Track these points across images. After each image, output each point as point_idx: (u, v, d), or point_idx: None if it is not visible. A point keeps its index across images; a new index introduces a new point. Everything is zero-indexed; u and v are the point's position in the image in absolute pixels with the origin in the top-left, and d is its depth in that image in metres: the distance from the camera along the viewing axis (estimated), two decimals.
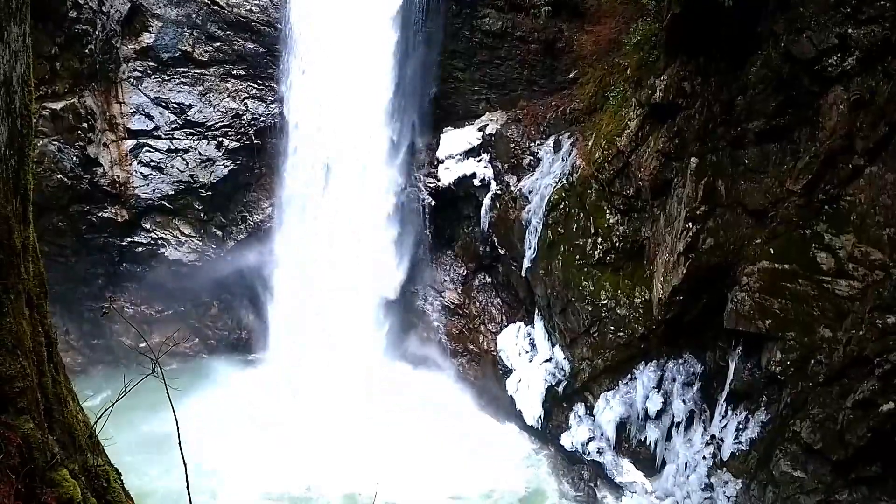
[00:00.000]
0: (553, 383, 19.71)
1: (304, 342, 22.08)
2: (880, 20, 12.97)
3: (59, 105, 19.58)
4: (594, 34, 19.78)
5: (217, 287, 23.10)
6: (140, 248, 22.33)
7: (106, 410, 5.29)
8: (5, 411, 4.09)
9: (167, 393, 5.23)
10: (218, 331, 23.72)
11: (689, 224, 15.68)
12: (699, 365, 17.29)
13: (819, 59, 13.60)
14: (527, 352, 20.79)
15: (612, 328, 18.01)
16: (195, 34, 21.53)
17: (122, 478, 5.41)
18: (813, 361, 14.42)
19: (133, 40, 21.11)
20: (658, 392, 17.69)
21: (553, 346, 20.28)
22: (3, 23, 3.94)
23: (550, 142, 20.85)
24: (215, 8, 21.42)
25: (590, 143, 19.12)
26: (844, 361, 13.85)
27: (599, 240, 18.32)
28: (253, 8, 21.61)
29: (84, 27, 19.35)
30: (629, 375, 18.19)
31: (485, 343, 22.02)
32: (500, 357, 21.26)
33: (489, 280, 22.91)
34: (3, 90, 4.05)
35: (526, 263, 20.31)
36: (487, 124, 22.52)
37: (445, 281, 23.24)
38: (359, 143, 21.65)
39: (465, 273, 23.14)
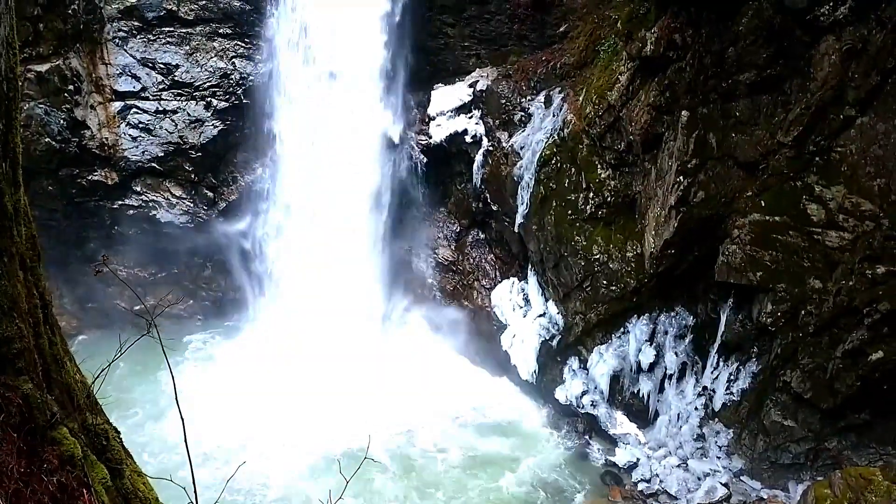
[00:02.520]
0: (547, 338, 19.89)
1: (297, 300, 22.15)
2: None
3: (44, 67, 19.33)
4: None
5: (210, 248, 23.08)
6: (131, 211, 22.24)
7: (103, 370, 5.34)
8: (4, 372, 4.14)
9: (163, 352, 5.29)
10: (212, 292, 23.77)
11: (681, 178, 15.70)
12: (691, 318, 17.47)
13: (811, 8, 13.52)
14: (521, 307, 20.93)
15: (605, 282, 18.13)
16: None
17: (121, 436, 5.49)
18: (803, 312, 14.60)
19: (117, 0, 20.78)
20: (650, 345, 17.89)
21: (546, 300, 20.42)
22: None
23: (541, 97, 20.72)
24: None
25: (580, 98, 19.03)
26: (834, 312, 14.04)
27: (591, 194, 18.33)
28: None
29: None
30: (622, 329, 18.37)
31: (479, 299, 22.15)
32: (494, 313, 21.41)
33: (482, 236, 22.95)
34: None
35: (518, 219, 20.34)
36: (478, 80, 22.35)
37: (439, 238, 23.27)
38: (349, 103, 21.50)
39: (458, 230, 23.17)
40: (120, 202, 22.08)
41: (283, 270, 23.02)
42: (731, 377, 16.64)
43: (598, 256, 18.14)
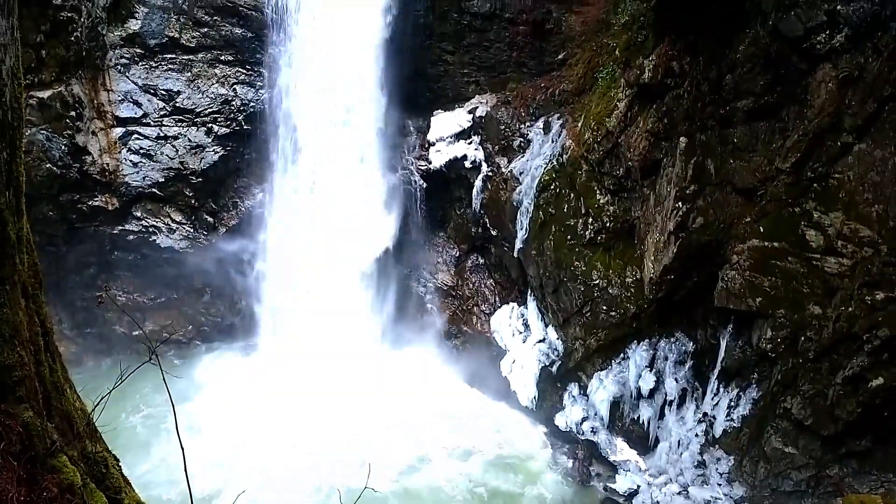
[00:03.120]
0: (547, 363, 19.84)
1: (297, 326, 22.13)
2: None
3: (46, 94, 19.45)
4: (582, 15, 19.76)
5: (210, 273, 23.08)
6: (131, 237, 22.27)
7: (103, 398, 5.33)
8: (5, 400, 4.14)
9: (164, 381, 5.28)
10: (211, 317, 23.73)
11: (679, 203, 15.75)
12: (691, 343, 17.43)
13: (807, 36, 13.64)
14: (520, 332, 20.91)
15: (605, 308, 18.12)
16: (182, 20, 21.39)
17: (121, 464, 5.47)
18: (803, 338, 14.57)
19: (119, 27, 20.95)
20: (650, 371, 17.84)
21: (546, 326, 20.40)
22: None
23: (540, 123, 20.87)
24: None
25: (579, 125, 19.15)
26: (834, 338, 14.01)
27: (590, 220, 18.39)
28: None
29: (69, 14, 19.17)
30: (622, 355, 18.33)
31: (478, 324, 22.13)
32: (493, 338, 21.38)
33: (482, 261, 22.99)
34: None
35: (518, 244, 20.38)
36: (477, 107, 22.53)
37: (438, 262, 23.32)
38: (350, 128, 21.66)
39: (457, 254, 23.22)
40: (120, 227, 22.11)
41: (283, 295, 23.01)
42: (732, 403, 16.58)
43: (597, 282, 18.15)
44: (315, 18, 20.78)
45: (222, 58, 22.04)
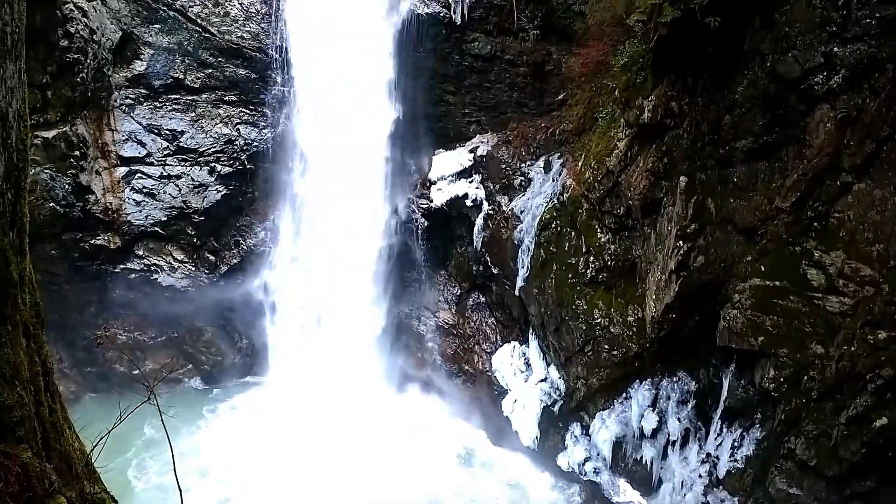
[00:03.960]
0: (548, 403, 19.71)
1: (299, 365, 22.06)
2: (866, 38, 13.17)
3: (51, 133, 19.63)
4: (582, 56, 19.96)
5: (210, 312, 23.08)
6: (133, 275, 22.31)
7: (102, 438, 5.32)
8: (4, 440, 4.13)
9: (162, 422, 5.27)
10: (212, 356, 23.64)
11: (680, 242, 15.79)
12: (693, 383, 17.33)
13: (805, 77, 13.79)
14: (522, 371, 20.80)
15: (607, 347, 18.06)
16: (187, 61, 21.66)
17: None
18: (806, 378, 14.49)
19: (125, 68, 21.22)
20: (653, 410, 17.71)
21: (548, 365, 20.30)
22: None
23: (541, 162, 21.00)
24: (206, 35, 21.55)
25: (580, 164, 19.27)
26: (837, 377, 13.93)
27: (591, 258, 18.41)
28: (244, 35, 21.76)
29: (76, 56, 19.44)
30: (624, 394, 18.22)
31: (480, 363, 22.03)
32: (495, 377, 21.27)
33: (483, 300, 22.96)
34: (0, 125, 4.12)
35: (519, 282, 20.38)
36: (479, 146, 22.71)
37: (440, 301, 23.29)
38: (354, 167, 21.82)
39: (459, 293, 23.20)
40: (122, 266, 22.17)
41: (285, 334, 22.98)
42: (735, 444, 16.43)
43: (599, 320, 18.11)
44: (325, 65, 21.05)
45: (226, 98, 22.28)
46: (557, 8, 21.46)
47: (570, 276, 18.75)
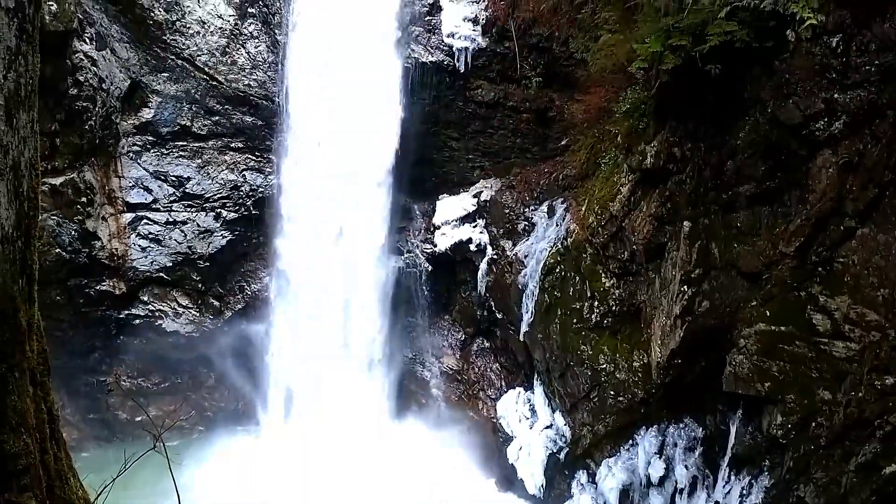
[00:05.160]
0: (554, 450, 19.52)
1: (303, 412, 21.92)
2: (866, 84, 13.30)
3: (58, 180, 19.81)
4: (585, 103, 20.20)
5: (214, 358, 23.03)
6: (137, 321, 22.32)
7: (106, 487, 5.29)
8: (9, 489, 4.12)
9: (170, 470, 5.24)
10: (215, 402, 23.54)
11: (685, 287, 15.78)
12: (700, 429, 17.17)
13: (806, 123, 13.90)
14: (527, 418, 20.64)
15: (612, 392, 17.94)
16: (194, 109, 21.96)
17: None
18: (814, 424, 14.35)
19: (133, 115, 21.51)
20: (660, 458, 17.52)
21: (553, 411, 20.15)
22: (12, 110, 4.10)
23: (544, 207, 21.12)
24: (214, 83, 21.88)
25: (583, 209, 19.36)
26: (845, 424, 13.80)
27: (596, 303, 18.39)
28: (251, 83, 22.09)
29: (84, 104, 19.71)
30: (631, 441, 18.03)
31: (484, 410, 21.88)
32: (500, 424, 21.10)
33: (487, 345, 22.90)
34: (12, 174, 4.19)
35: (524, 327, 20.33)
36: (482, 191, 22.87)
37: (444, 346, 23.23)
38: (357, 212, 21.95)
39: (463, 338, 23.15)
40: (126, 312, 22.19)
41: (287, 380, 22.87)
42: (744, 492, 16.20)
43: (604, 366, 18.02)
44: (330, 112, 21.32)
45: (232, 145, 22.53)
46: (559, 56, 21.77)
47: (574, 321, 18.71)
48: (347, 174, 21.55)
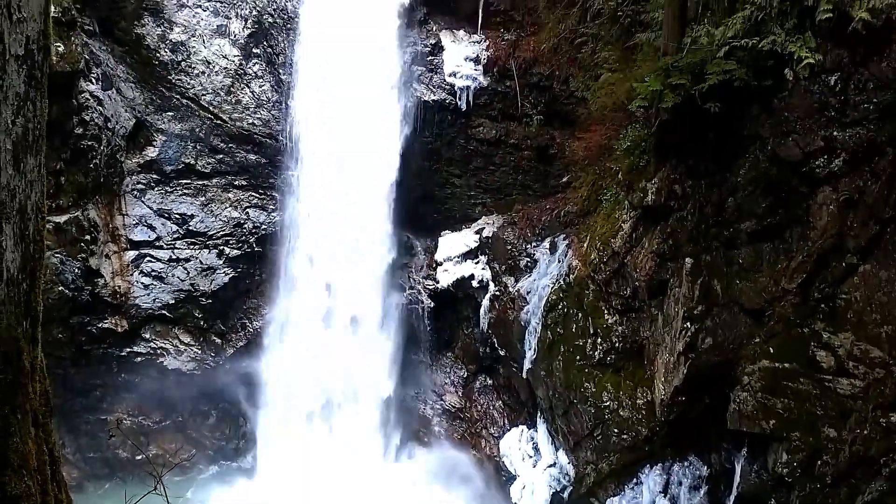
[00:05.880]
0: (558, 489, 19.33)
1: (304, 451, 21.75)
2: (864, 122, 13.40)
3: (62, 218, 19.90)
4: (585, 140, 20.36)
5: (215, 395, 22.94)
6: (139, 359, 22.27)
7: None
8: None
9: None
10: (216, 440, 23.38)
11: (687, 324, 15.75)
12: (705, 467, 17.00)
13: (806, 161, 13.98)
14: (530, 456, 20.48)
15: (616, 430, 17.81)
16: (198, 147, 22.15)
17: None
18: (819, 462, 14.22)
19: (137, 154, 21.70)
20: (665, 496, 17.32)
21: (557, 449, 20.00)
22: (20, 155, 4.15)
23: (546, 243, 21.18)
24: (218, 122, 22.09)
25: (585, 245, 19.40)
26: (851, 461, 13.67)
27: (599, 340, 18.34)
28: (255, 122, 22.30)
29: (90, 143, 19.89)
30: (635, 479, 17.85)
31: (487, 448, 21.71)
32: (502, 462, 20.92)
33: (490, 382, 22.79)
34: (19, 217, 4.23)
35: (526, 364, 20.25)
36: (484, 227, 22.95)
37: (446, 384, 23.13)
38: (359, 249, 22.01)
39: (465, 375, 23.06)
40: (128, 349, 22.15)
41: (288, 418, 22.72)
42: None
43: (608, 404, 17.92)
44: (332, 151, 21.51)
45: (236, 182, 22.68)
46: (560, 94, 22.01)
47: (577, 358, 18.65)
48: (350, 211, 21.66)
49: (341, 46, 21.08)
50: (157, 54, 21.48)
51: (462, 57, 22.43)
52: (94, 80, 20.04)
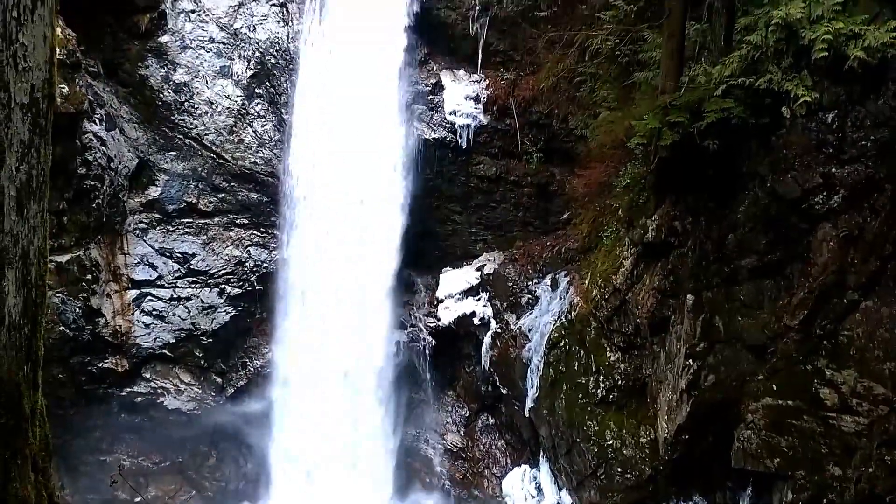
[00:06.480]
0: None
1: (305, 492, 21.54)
2: (862, 159, 13.51)
3: (64, 258, 19.92)
4: (585, 177, 20.46)
5: (215, 435, 22.77)
6: (139, 399, 22.13)
7: None
8: None
9: None
10: (216, 481, 23.12)
11: (690, 361, 15.70)
12: None
13: (805, 197, 14.06)
14: (533, 496, 20.28)
15: (619, 469, 17.65)
16: (200, 186, 22.25)
17: None
18: (825, 501, 14.07)
19: (140, 193, 21.80)
20: None
21: (560, 489, 19.80)
22: (23, 201, 4.20)
23: (548, 280, 21.18)
24: (220, 161, 22.24)
25: (586, 282, 19.41)
26: (857, 500, 13.55)
27: (601, 378, 18.27)
28: (257, 160, 22.46)
29: (93, 183, 20.00)
30: None
31: (490, 488, 21.50)
32: (505, 503, 20.71)
33: (492, 421, 22.64)
34: (21, 263, 4.26)
35: (529, 403, 20.13)
36: (485, 264, 22.97)
37: (448, 423, 22.96)
38: (359, 287, 22.00)
39: (467, 414, 22.90)
40: (128, 389, 22.02)
41: (289, 457, 22.53)
42: None
43: (611, 442, 17.78)
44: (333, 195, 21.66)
45: (237, 221, 22.75)
46: (559, 132, 22.18)
47: (580, 396, 18.55)
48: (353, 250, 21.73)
49: (343, 87, 21.32)
50: (161, 95, 21.71)
51: (462, 96, 22.65)
52: (97, 121, 20.21)
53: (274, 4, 22.55)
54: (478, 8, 22.26)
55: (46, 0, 4.09)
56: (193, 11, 21.95)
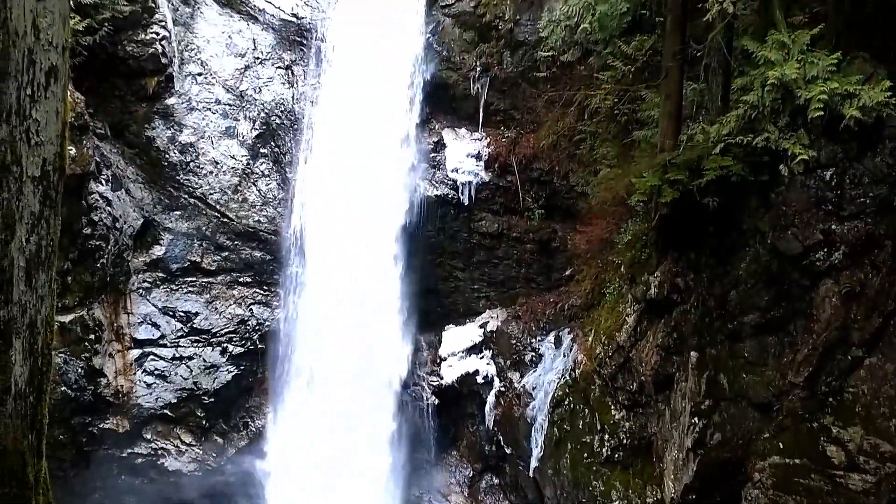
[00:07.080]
0: None
1: None
2: (862, 216, 13.58)
3: (67, 318, 19.94)
4: (587, 234, 20.57)
5: (216, 497, 22.49)
6: (140, 460, 21.92)
7: None
8: None
9: None
10: None
11: (695, 419, 15.56)
12: None
13: (806, 254, 14.09)
14: None
15: None
16: (204, 245, 22.40)
17: None
18: None
19: (144, 252, 21.92)
20: None
21: None
22: (32, 272, 4.25)
23: (551, 337, 21.11)
24: (225, 220, 22.43)
25: (590, 339, 19.35)
26: None
27: (606, 436, 18.08)
28: (261, 219, 22.65)
29: (98, 243, 20.13)
30: None
31: None
32: None
33: (496, 481, 22.34)
34: (28, 332, 4.30)
35: (533, 463, 19.90)
36: (488, 321, 22.93)
37: (451, 484, 22.66)
38: (362, 345, 21.94)
39: (471, 474, 22.61)
40: (129, 450, 21.83)
41: None
42: None
43: (617, 503, 17.52)
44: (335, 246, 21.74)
45: (241, 279, 22.83)
46: (560, 189, 22.39)
47: (585, 455, 18.35)
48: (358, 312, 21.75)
49: (349, 147, 21.61)
50: (167, 156, 22.00)
51: (464, 153, 22.93)
52: (103, 182, 20.44)
53: (280, 67, 23.01)
54: (479, 69, 22.71)
55: (60, 77, 4.21)
56: (200, 74, 22.38)
